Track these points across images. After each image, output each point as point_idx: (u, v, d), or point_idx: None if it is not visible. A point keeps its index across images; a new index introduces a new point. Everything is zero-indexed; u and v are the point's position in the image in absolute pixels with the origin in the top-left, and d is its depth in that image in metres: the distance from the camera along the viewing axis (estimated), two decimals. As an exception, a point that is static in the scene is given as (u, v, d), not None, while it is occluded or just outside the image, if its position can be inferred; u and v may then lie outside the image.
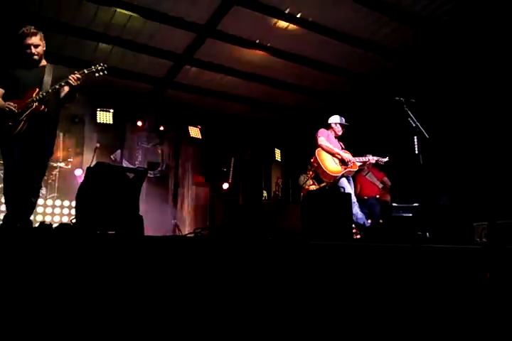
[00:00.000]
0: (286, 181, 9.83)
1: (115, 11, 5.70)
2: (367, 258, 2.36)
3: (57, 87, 3.30)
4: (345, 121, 5.26)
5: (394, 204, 4.05)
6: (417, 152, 4.19)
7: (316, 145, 5.08)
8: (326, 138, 5.07)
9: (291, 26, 6.14)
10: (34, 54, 3.38)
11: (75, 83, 3.29)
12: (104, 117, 7.52)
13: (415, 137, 4.15)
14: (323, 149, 4.99)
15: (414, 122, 4.16)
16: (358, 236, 6.60)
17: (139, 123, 7.97)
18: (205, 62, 7.06)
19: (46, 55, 3.57)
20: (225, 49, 6.67)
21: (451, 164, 6.05)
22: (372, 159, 5.09)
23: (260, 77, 7.59)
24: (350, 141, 5.44)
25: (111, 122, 7.55)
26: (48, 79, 3.39)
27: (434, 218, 4.13)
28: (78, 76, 3.30)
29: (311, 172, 8.30)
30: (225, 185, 8.53)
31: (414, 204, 4.10)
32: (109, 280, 1.80)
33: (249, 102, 8.45)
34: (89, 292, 1.73)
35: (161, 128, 8.32)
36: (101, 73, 3.45)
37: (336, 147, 5.11)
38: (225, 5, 5.69)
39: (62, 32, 6.01)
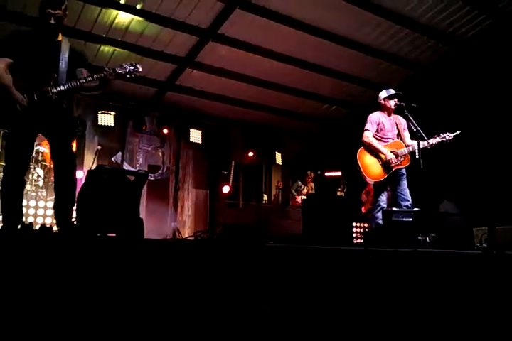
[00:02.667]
0: (287, 184, 9.84)
1: (117, 13, 5.74)
2: (368, 262, 2.36)
3: (82, 81, 2.89)
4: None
5: (394, 209, 4.03)
6: (417, 156, 4.19)
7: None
8: (375, 127, 4.46)
9: (293, 30, 6.19)
10: (52, 26, 2.94)
11: (110, 77, 2.95)
12: (106, 120, 7.52)
13: (416, 142, 4.15)
14: (367, 146, 4.41)
15: (415, 127, 4.16)
16: (359, 241, 6.60)
17: (141, 126, 7.97)
18: (207, 66, 7.09)
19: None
20: (227, 52, 6.70)
21: (451, 169, 6.05)
22: (434, 141, 4.30)
23: (262, 81, 7.62)
24: (349, 144, 5.30)
25: (112, 125, 7.55)
26: (64, 58, 2.96)
27: (435, 223, 4.13)
28: (111, 71, 2.96)
29: (309, 181, 8.32)
30: (226, 188, 8.52)
31: (415, 209, 4.09)
32: (108, 283, 1.80)
33: (250, 106, 8.47)
34: (89, 295, 1.73)
35: (166, 131, 8.30)
36: (132, 75, 3.11)
37: (391, 130, 4.53)
38: (227, 9, 5.72)
39: (63, 34, 6.01)
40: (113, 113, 7.57)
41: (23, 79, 2.83)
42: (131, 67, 3.09)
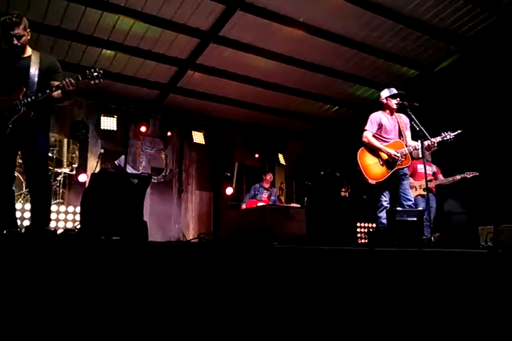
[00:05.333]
0: (290, 185, 9.82)
1: (119, 17, 5.75)
2: (373, 262, 2.35)
3: (47, 91, 3.01)
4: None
5: (398, 209, 4.02)
6: (420, 156, 4.19)
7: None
8: (376, 127, 4.45)
9: (296, 31, 6.19)
10: (17, 46, 3.02)
11: (69, 88, 3.02)
12: (108, 123, 7.53)
13: (419, 141, 4.14)
14: (367, 146, 4.42)
15: (418, 126, 4.14)
16: (364, 241, 6.58)
17: (143, 129, 7.98)
18: (209, 68, 7.09)
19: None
20: (228, 54, 6.71)
21: (455, 168, 6.03)
22: (434, 141, 4.24)
23: (264, 82, 7.62)
24: (351, 146, 5.25)
25: (115, 128, 7.56)
26: (34, 72, 3.07)
27: (440, 222, 4.11)
28: (72, 81, 3.03)
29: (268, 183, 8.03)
30: (229, 190, 8.51)
31: (419, 209, 4.08)
32: (113, 286, 1.79)
33: (253, 107, 8.46)
34: (93, 298, 1.72)
35: (169, 133, 8.31)
36: (96, 81, 3.16)
37: (393, 130, 4.49)
38: (228, 10, 5.72)
39: (66, 38, 6.05)
40: (115, 116, 7.58)
41: None
42: (95, 74, 3.15)
